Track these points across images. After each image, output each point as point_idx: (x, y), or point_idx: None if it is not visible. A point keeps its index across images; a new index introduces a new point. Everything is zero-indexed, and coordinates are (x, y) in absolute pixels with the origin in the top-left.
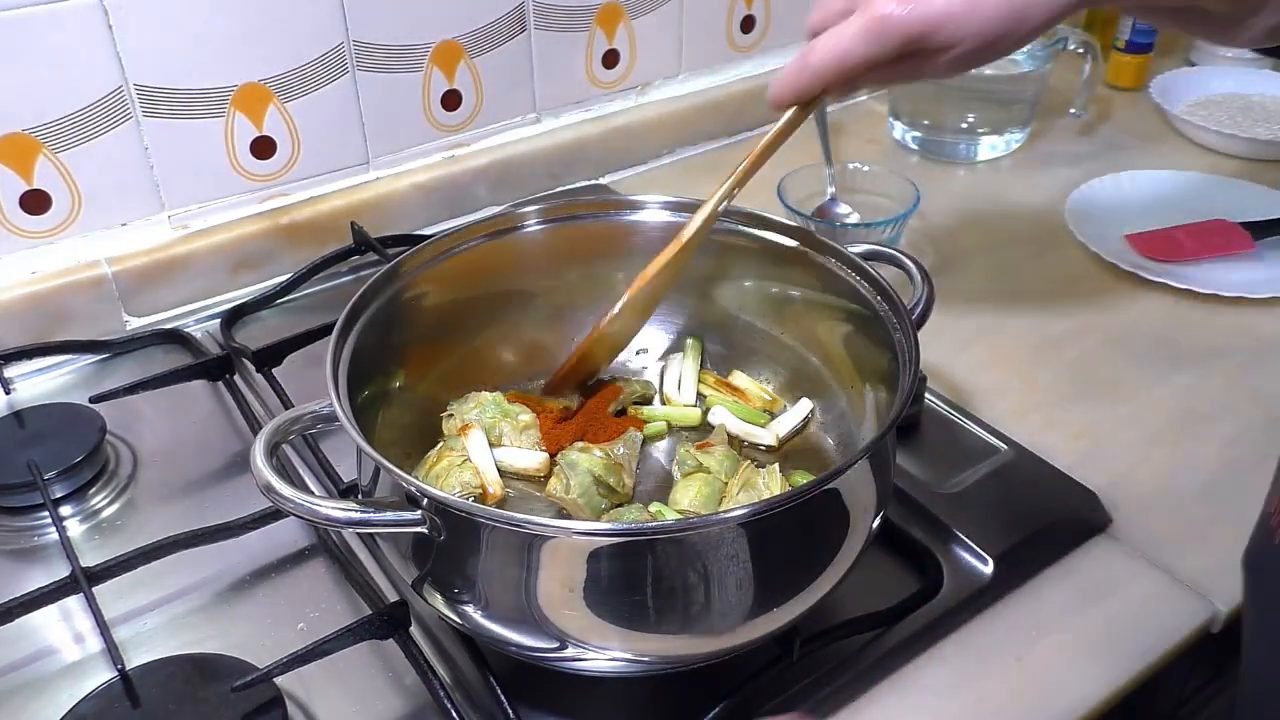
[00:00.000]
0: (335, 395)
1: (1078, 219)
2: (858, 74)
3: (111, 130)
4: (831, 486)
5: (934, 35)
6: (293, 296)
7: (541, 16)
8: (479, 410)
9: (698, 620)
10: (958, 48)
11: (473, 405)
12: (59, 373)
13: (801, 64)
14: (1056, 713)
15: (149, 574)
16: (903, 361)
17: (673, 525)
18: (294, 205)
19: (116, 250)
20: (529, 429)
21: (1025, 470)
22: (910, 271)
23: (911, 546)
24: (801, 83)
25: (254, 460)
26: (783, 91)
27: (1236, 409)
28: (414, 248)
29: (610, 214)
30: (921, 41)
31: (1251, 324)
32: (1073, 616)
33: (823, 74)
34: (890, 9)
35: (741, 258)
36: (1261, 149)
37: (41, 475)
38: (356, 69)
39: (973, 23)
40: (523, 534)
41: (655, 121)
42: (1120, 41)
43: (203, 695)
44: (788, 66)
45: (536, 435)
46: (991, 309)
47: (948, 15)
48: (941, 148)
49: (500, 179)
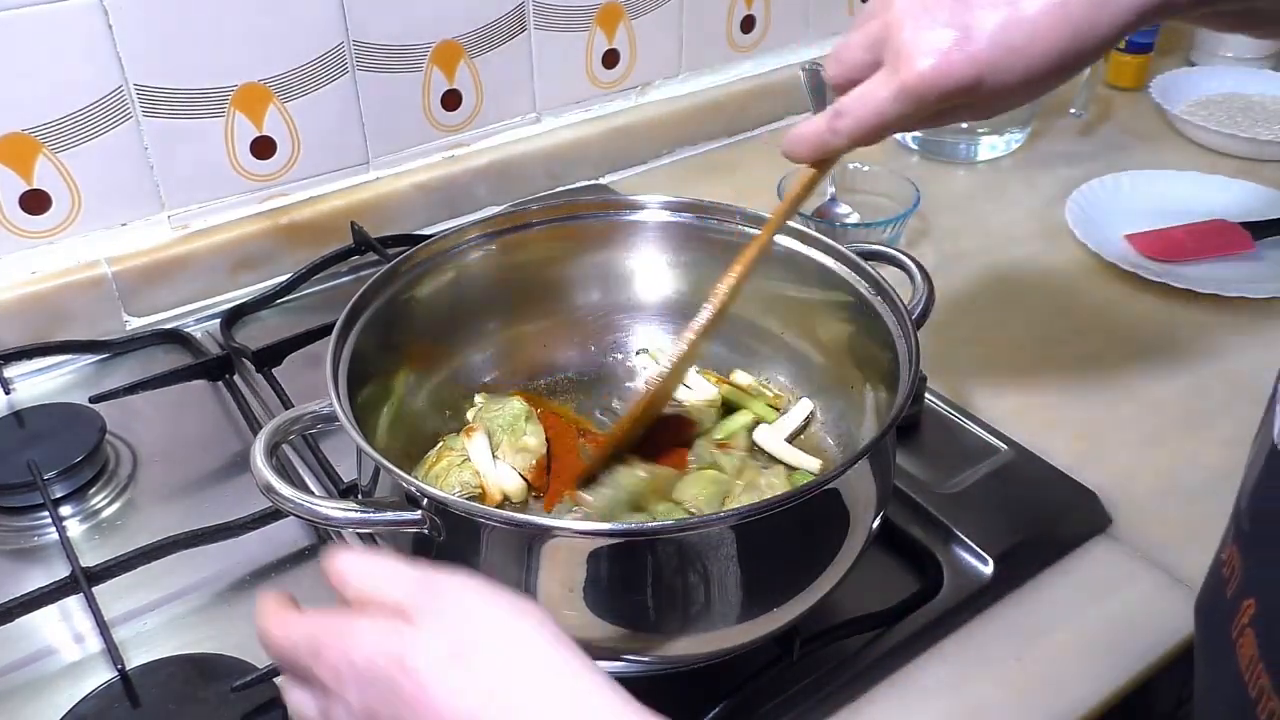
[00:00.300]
0: (335, 395)
1: (1078, 219)
2: (893, 130)
3: (111, 130)
4: (831, 486)
5: (977, 89)
6: (293, 296)
7: (541, 16)
8: (495, 415)
9: (698, 620)
10: (1004, 94)
11: (496, 408)
12: (59, 373)
13: (830, 127)
14: (1056, 713)
15: (149, 574)
16: (903, 361)
17: (673, 525)
18: (294, 205)
19: (116, 250)
20: (526, 452)
21: (1025, 470)
22: (910, 271)
23: (911, 546)
24: (831, 144)
25: (254, 460)
26: (804, 150)
27: (1236, 409)
28: (414, 248)
29: (610, 214)
30: (964, 96)
31: (1251, 324)
32: (1073, 616)
33: (855, 137)
34: (926, 66)
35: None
36: (1261, 149)
37: (41, 475)
38: (356, 69)
39: (1017, 68)
40: (523, 534)
41: (655, 121)
42: (1120, 41)
43: (203, 695)
44: (811, 125)
45: (531, 461)
46: (991, 309)
47: (990, 66)
48: (941, 148)
49: (500, 179)
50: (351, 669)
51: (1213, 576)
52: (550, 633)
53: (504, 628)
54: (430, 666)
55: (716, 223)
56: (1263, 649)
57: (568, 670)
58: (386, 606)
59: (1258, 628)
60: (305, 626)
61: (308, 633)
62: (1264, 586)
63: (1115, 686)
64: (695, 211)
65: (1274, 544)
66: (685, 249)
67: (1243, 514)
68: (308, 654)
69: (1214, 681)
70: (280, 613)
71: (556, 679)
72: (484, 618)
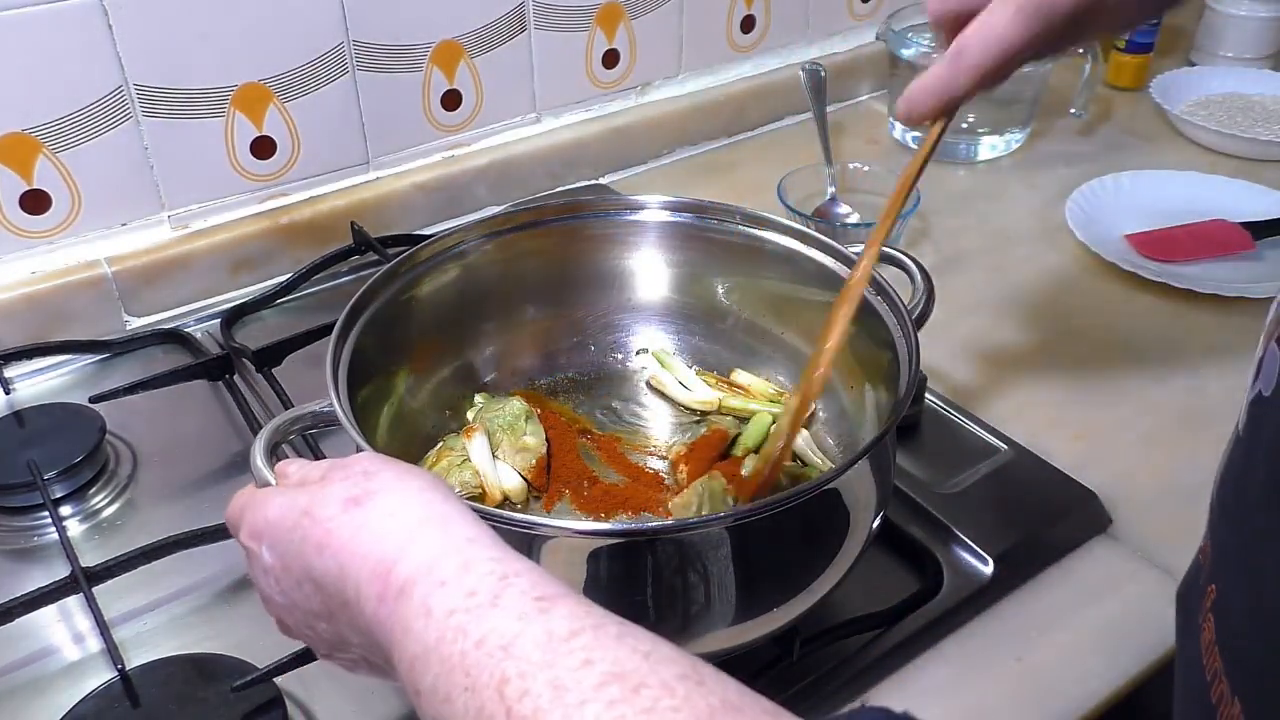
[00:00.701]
0: (335, 395)
1: (1078, 219)
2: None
3: (111, 130)
4: (831, 486)
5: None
6: (293, 296)
7: (541, 16)
8: (495, 415)
9: (698, 620)
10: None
11: (496, 408)
12: (59, 373)
13: (952, 69)
14: (1056, 713)
15: (149, 574)
16: (903, 361)
17: (673, 525)
18: (294, 205)
19: (116, 250)
20: (525, 451)
21: (1025, 470)
22: (910, 271)
23: (911, 546)
24: (955, 88)
25: (254, 460)
26: (927, 103)
27: (1236, 409)
28: (414, 248)
29: (610, 214)
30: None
31: (1251, 324)
32: (1073, 616)
33: (983, 67)
34: None
35: (742, 257)
36: (1261, 149)
37: (41, 475)
38: (356, 69)
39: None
40: (523, 534)
41: (655, 121)
42: (1120, 41)
43: (203, 695)
44: (929, 75)
45: (531, 461)
46: (991, 309)
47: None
48: (941, 148)
49: (500, 179)
50: (267, 525)
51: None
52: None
53: (399, 482)
54: (333, 513)
55: (716, 223)
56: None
57: (452, 515)
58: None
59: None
60: (239, 499)
61: (239, 503)
62: (1222, 572)
63: (1115, 686)
64: (695, 211)
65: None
66: (685, 249)
67: (1214, 499)
68: (236, 519)
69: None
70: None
71: (440, 523)
72: (382, 474)
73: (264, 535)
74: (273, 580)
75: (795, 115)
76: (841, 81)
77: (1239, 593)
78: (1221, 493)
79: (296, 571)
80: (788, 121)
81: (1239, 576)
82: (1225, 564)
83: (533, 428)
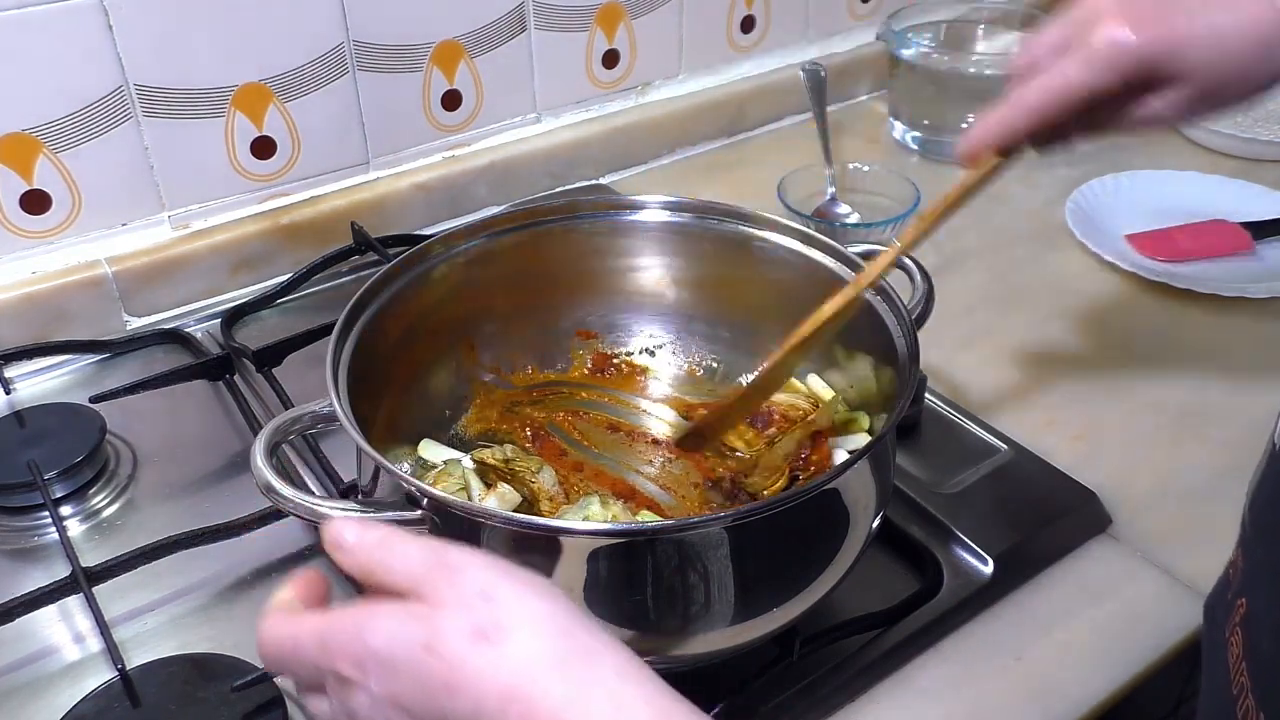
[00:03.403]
0: (335, 395)
1: (1078, 219)
2: (1078, 108)
3: (111, 130)
4: (831, 486)
5: (1168, 63)
6: (293, 296)
7: (541, 16)
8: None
9: (698, 620)
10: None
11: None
12: (59, 373)
13: (1013, 104)
14: (1056, 713)
15: (149, 574)
16: (903, 361)
17: (672, 525)
18: (294, 205)
19: (116, 250)
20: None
21: (1025, 470)
22: (910, 271)
23: (911, 546)
24: (1013, 121)
25: (254, 460)
26: (985, 136)
27: (1236, 409)
28: (414, 248)
29: (610, 214)
30: (1153, 68)
31: (1251, 324)
32: (1073, 616)
33: (1041, 108)
34: (1122, 33)
35: (741, 258)
36: (1261, 149)
37: (41, 475)
38: (356, 69)
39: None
40: (523, 534)
41: (655, 121)
42: None
43: (203, 695)
44: (989, 114)
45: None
46: (991, 309)
47: (1188, 39)
48: (941, 148)
49: (500, 179)
50: (374, 657)
51: (1222, 576)
52: (570, 611)
53: (526, 607)
54: (459, 647)
55: (716, 223)
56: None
57: (595, 647)
58: (398, 590)
59: (1246, 627)
60: (310, 624)
61: (313, 629)
62: (1253, 587)
63: (1115, 686)
64: (695, 211)
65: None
66: (685, 249)
67: (1245, 514)
68: (316, 650)
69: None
70: (276, 616)
71: (584, 658)
72: (505, 597)
73: (371, 668)
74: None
75: (795, 115)
76: (841, 81)
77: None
78: (1255, 507)
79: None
80: (788, 121)
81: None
82: (1257, 580)
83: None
